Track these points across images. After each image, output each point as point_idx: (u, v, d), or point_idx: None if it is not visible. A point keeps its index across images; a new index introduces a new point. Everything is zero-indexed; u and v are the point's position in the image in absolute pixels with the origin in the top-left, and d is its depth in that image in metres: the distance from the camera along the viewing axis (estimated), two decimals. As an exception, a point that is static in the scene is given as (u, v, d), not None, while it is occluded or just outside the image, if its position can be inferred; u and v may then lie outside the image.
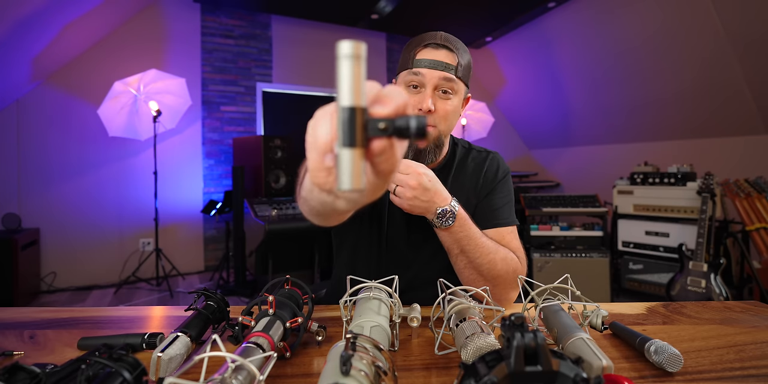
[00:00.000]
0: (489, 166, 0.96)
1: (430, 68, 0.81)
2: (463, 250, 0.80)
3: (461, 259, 0.81)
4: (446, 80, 0.81)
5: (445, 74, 0.81)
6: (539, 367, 0.35)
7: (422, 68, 0.81)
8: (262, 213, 2.97)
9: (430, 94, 0.81)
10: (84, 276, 3.36)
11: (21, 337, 0.68)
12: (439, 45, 0.83)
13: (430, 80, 0.81)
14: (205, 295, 0.71)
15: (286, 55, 4.19)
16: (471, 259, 0.81)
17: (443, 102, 0.83)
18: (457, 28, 4.22)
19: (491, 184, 0.95)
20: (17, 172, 3.18)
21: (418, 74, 0.82)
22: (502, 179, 0.96)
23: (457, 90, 0.84)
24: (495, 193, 0.94)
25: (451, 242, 0.80)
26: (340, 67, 0.27)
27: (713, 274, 2.29)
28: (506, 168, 0.98)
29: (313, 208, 0.53)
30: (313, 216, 0.59)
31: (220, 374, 0.40)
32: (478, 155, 0.98)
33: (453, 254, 0.82)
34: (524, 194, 3.20)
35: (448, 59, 0.82)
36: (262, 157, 3.27)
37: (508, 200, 0.94)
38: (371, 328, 0.58)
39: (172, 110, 3.21)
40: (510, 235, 0.91)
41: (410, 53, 0.84)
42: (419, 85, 0.83)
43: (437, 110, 0.82)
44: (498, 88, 5.22)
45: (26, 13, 2.34)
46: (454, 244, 0.80)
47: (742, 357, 0.62)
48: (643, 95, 3.68)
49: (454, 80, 0.82)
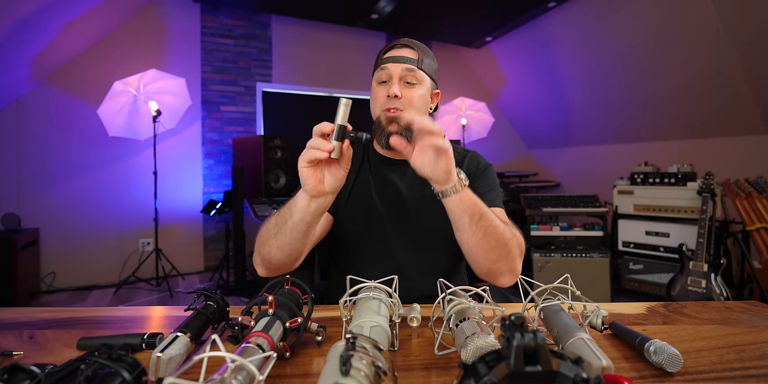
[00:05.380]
0: (468, 163, 1.03)
1: (394, 62, 0.93)
2: (482, 212, 0.75)
3: (481, 225, 0.75)
4: (409, 71, 0.92)
5: (407, 66, 0.92)
6: (539, 367, 0.35)
7: (388, 63, 0.93)
8: (262, 213, 2.97)
9: (396, 83, 0.91)
10: (84, 276, 3.36)
11: (20, 338, 0.68)
12: (402, 45, 0.96)
13: (394, 72, 0.92)
14: (204, 295, 0.71)
15: (286, 55, 4.19)
16: (488, 223, 0.76)
17: (409, 90, 0.92)
18: (457, 28, 4.22)
19: (473, 176, 1.01)
20: (17, 172, 3.18)
21: (384, 69, 0.93)
22: (483, 171, 1.02)
23: (421, 80, 0.93)
24: (478, 183, 0.99)
25: (472, 205, 0.75)
26: (339, 107, 0.66)
27: (713, 274, 2.29)
28: (486, 162, 1.05)
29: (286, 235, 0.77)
30: (286, 247, 0.79)
31: (219, 374, 0.40)
32: (457, 155, 1.03)
33: (474, 220, 0.75)
34: (524, 194, 3.20)
35: (411, 54, 0.94)
36: (262, 157, 3.27)
37: (492, 188, 0.99)
38: (371, 328, 0.58)
39: (171, 110, 3.21)
40: (497, 214, 0.89)
41: (380, 57, 0.97)
42: (388, 80, 0.93)
43: (404, 96, 0.91)
44: (498, 88, 5.21)
45: (26, 13, 2.33)
46: (475, 208, 0.75)
47: (742, 357, 0.61)
48: (643, 95, 3.68)
49: (416, 71, 0.92)
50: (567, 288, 0.66)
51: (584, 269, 2.76)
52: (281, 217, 0.78)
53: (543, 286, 0.68)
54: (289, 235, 0.77)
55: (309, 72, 4.29)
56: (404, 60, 0.92)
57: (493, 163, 1.08)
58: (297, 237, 0.77)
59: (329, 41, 4.34)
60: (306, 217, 0.75)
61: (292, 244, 0.78)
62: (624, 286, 2.89)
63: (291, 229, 0.76)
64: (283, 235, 0.77)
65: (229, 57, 3.93)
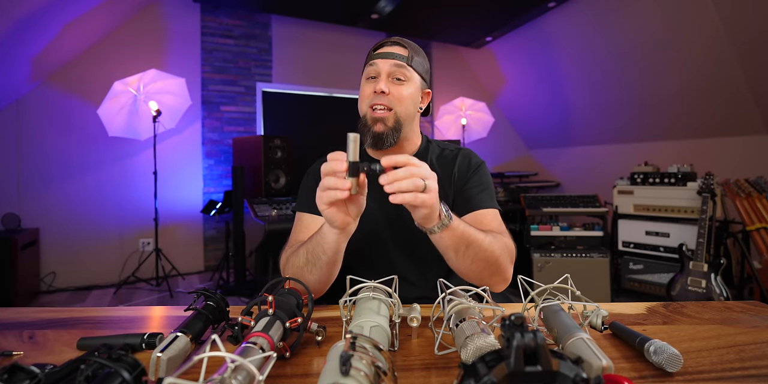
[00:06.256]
0: (461, 160, 1.01)
1: (383, 58, 0.91)
2: (468, 241, 0.76)
3: (468, 255, 0.77)
4: (398, 67, 0.90)
5: (396, 61, 0.90)
6: (539, 367, 0.35)
7: (377, 59, 0.91)
8: (262, 213, 2.97)
9: (384, 79, 0.89)
10: (84, 276, 3.36)
11: (20, 338, 0.68)
12: (392, 42, 0.93)
13: (383, 68, 0.90)
14: (204, 295, 0.71)
15: (286, 55, 4.19)
16: (474, 251, 0.77)
17: (397, 87, 0.90)
18: (457, 28, 4.22)
19: (466, 174, 0.98)
20: (17, 172, 3.18)
21: (373, 65, 0.91)
22: (476, 169, 0.99)
23: (410, 77, 0.91)
24: (471, 182, 0.97)
25: (457, 239, 0.75)
26: (349, 144, 0.63)
27: (713, 274, 2.29)
28: (479, 160, 1.02)
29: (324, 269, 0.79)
30: (324, 278, 0.81)
31: (219, 374, 0.40)
32: (450, 153, 1.02)
33: (460, 252, 0.77)
34: (524, 194, 3.20)
35: (400, 51, 0.91)
36: (262, 157, 3.27)
37: (485, 187, 0.97)
38: (371, 328, 0.58)
39: (171, 110, 3.21)
40: (489, 217, 0.92)
41: (370, 54, 0.95)
42: (376, 76, 0.91)
43: (392, 93, 0.89)
44: (498, 88, 5.21)
45: (26, 13, 2.33)
46: (460, 240, 0.75)
47: (742, 357, 0.61)
48: (643, 95, 3.68)
49: (405, 67, 0.90)
50: (567, 288, 0.66)
51: (584, 269, 2.75)
52: (312, 255, 0.78)
53: (543, 286, 0.68)
54: (326, 269, 0.79)
55: (309, 72, 4.29)
56: (393, 56, 0.90)
57: (493, 163, 1.07)
58: (333, 268, 0.80)
59: (329, 41, 4.34)
60: (340, 248, 0.76)
61: (329, 275, 0.81)
62: (624, 286, 2.89)
63: (327, 263, 0.78)
64: (320, 270, 0.79)
65: (229, 57, 3.93)
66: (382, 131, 0.89)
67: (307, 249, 0.79)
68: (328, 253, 0.76)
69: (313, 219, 0.94)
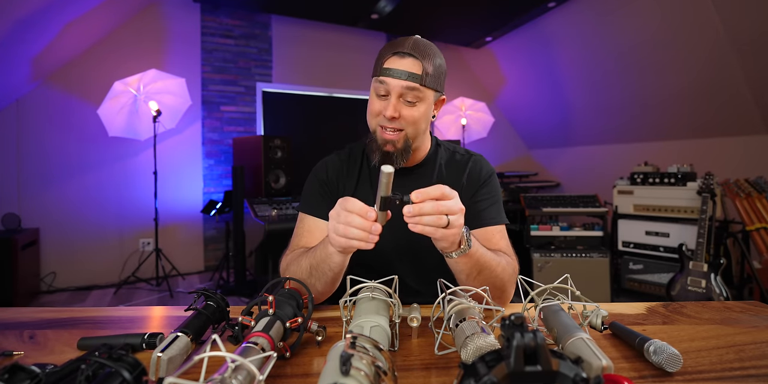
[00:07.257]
0: (472, 167, 0.98)
1: (395, 77, 0.82)
2: (482, 267, 0.77)
3: (478, 279, 0.78)
4: (410, 89, 0.82)
5: (408, 83, 0.82)
6: (539, 367, 0.35)
7: (387, 77, 0.82)
8: (262, 213, 2.97)
9: (394, 103, 0.83)
10: (84, 276, 3.36)
11: (21, 337, 0.68)
12: (405, 53, 0.82)
13: (394, 89, 0.82)
14: (205, 295, 0.71)
15: (286, 55, 4.19)
16: (485, 275, 0.78)
17: (409, 109, 0.84)
18: (457, 28, 4.22)
19: (476, 184, 0.96)
20: (17, 172, 3.18)
21: (383, 83, 0.83)
22: (486, 180, 0.97)
23: (423, 98, 0.84)
24: (481, 194, 0.95)
25: (472, 265, 0.76)
26: (382, 178, 0.59)
27: (713, 274, 2.29)
28: (490, 169, 1.00)
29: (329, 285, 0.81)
30: (329, 287, 0.82)
31: (219, 374, 0.40)
32: (461, 158, 1.00)
33: (471, 276, 0.78)
34: (524, 194, 3.20)
35: (414, 68, 0.82)
36: (262, 157, 3.27)
37: (495, 200, 0.96)
38: (371, 328, 0.58)
39: (172, 110, 3.21)
40: (498, 235, 0.92)
41: (380, 61, 0.85)
42: (386, 94, 0.84)
43: (403, 117, 0.84)
44: (498, 88, 5.21)
45: (26, 13, 2.33)
46: (474, 266, 0.77)
47: (742, 357, 0.61)
48: (643, 95, 3.68)
49: (418, 89, 0.82)
50: (567, 288, 0.66)
51: (584, 269, 2.76)
52: (317, 271, 0.78)
53: (543, 286, 0.68)
54: (331, 282, 0.80)
55: (309, 72, 4.29)
56: (406, 75, 0.81)
57: (493, 163, 1.07)
58: (338, 278, 0.81)
59: (329, 41, 4.34)
60: (345, 263, 0.77)
61: (333, 284, 0.82)
62: (624, 286, 2.89)
63: (333, 278, 0.79)
64: (325, 284, 0.80)
65: (229, 57, 3.93)
66: (391, 151, 0.87)
67: (311, 264, 0.79)
68: (335, 270, 0.77)
69: (315, 222, 0.94)
